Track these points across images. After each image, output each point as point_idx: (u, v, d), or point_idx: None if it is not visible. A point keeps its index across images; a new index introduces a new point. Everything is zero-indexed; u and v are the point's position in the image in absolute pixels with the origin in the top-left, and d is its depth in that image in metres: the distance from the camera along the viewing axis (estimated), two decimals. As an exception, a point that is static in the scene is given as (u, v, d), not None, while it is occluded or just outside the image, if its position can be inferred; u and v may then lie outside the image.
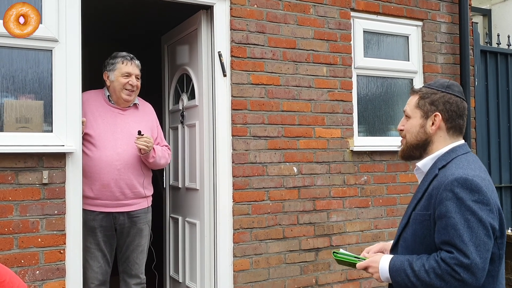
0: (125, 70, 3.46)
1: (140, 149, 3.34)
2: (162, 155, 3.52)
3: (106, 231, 3.38)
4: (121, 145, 3.37)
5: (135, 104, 3.57)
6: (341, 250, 2.15)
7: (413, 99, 2.08)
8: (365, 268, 2.00)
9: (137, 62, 3.56)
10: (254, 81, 3.82)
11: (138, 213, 3.45)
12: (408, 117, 2.08)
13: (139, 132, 3.35)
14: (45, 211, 3.08)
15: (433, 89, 2.03)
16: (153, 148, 3.41)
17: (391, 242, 2.15)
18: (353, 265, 2.06)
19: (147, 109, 3.67)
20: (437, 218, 1.83)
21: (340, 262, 2.12)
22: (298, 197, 3.96)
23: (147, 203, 3.52)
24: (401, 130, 2.11)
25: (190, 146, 4.10)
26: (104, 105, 3.48)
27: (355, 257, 2.08)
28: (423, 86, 2.10)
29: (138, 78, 3.53)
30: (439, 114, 1.99)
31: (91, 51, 5.91)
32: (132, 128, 3.43)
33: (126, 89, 3.45)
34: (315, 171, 4.04)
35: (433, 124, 2.00)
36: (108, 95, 3.50)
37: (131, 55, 3.55)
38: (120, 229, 3.43)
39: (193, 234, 3.98)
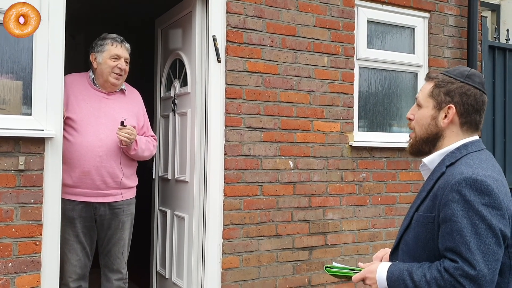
0: (114, 52, 3.29)
1: (121, 141, 3.16)
2: (146, 147, 3.34)
3: (86, 222, 3.20)
4: (104, 131, 3.18)
5: (121, 90, 3.39)
6: (334, 264, 2.00)
7: (427, 87, 1.86)
8: (362, 280, 1.82)
9: (127, 45, 3.39)
10: (251, 68, 3.63)
11: (120, 204, 3.27)
12: (419, 105, 1.87)
13: (122, 123, 3.17)
14: (20, 200, 2.89)
15: (451, 77, 1.81)
16: (136, 140, 3.23)
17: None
18: (348, 277, 1.90)
19: (134, 96, 3.48)
20: (442, 222, 1.65)
21: (334, 276, 1.96)
22: (293, 193, 3.78)
23: (130, 194, 3.33)
24: (410, 119, 1.90)
25: (181, 135, 3.92)
26: (88, 88, 3.29)
27: (350, 269, 1.92)
28: (440, 73, 1.87)
29: (127, 62, 3.36)
30: (453, 106, 1.78)
31: (87, 37, 5.73)
32: (117, 113, 3.25)
33: (114, 73, 3.27)
34: (312, 166, 3.86)
35: (445, 117, 1.79)
36: (93, 78, 3.31)
37: (121, 38, 3.38)
38: (100, 221, 3.24)
39: (181, 228, 3.80)
